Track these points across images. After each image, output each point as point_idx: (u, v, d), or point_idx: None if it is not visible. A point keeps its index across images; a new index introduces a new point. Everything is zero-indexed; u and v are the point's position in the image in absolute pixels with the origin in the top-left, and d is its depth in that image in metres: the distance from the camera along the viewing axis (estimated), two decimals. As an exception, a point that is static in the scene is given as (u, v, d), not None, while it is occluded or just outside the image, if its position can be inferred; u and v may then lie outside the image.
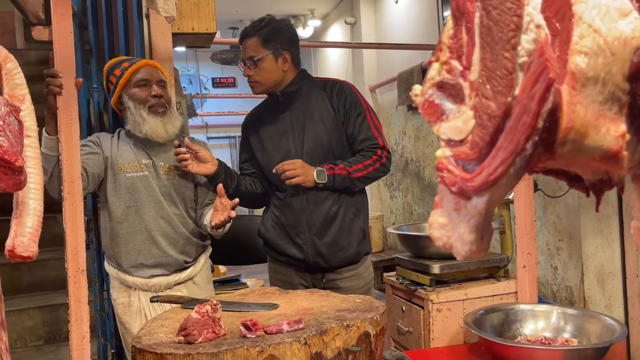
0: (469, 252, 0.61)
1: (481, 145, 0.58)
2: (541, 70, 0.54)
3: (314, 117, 2.16)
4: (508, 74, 0.55)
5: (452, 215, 0.61)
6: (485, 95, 0.57)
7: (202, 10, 2.47)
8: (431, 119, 0.62)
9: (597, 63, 0.58)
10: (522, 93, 0.55)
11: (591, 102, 0.59)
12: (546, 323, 2.17)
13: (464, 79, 0.60)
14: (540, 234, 4.08)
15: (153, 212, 2.06)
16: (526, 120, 0.55)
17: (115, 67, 2.09)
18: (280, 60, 2.15)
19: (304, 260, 2.17)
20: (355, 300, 1.71)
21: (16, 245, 1.24)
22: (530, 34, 0.55)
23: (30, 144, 1.29)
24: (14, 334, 2.86)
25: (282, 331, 1.38)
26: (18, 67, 1.28)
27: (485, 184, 0.57)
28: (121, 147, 2.09)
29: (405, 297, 2.49)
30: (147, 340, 1.40)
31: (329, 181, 2.09)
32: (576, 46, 0.58)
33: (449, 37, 0.61)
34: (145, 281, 2.05)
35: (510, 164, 0.56)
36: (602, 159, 0.60)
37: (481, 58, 0.58)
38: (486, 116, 0.57)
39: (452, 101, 0.61)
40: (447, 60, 0.61)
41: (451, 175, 0.60)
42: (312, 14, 7.40)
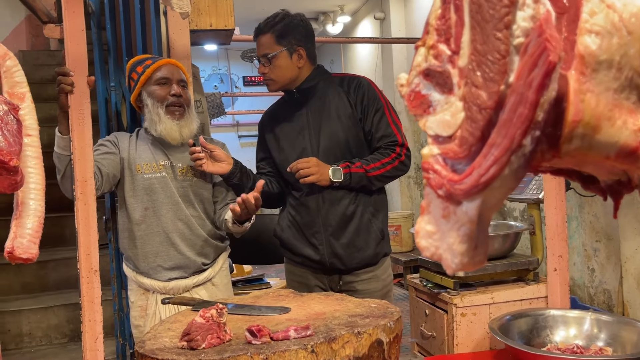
0: (460, 265, 0.53)
1: (471, 142, 0.50)
2: (540, 52, 0.46)
3: (330, 114, 2.09)
4: (501, 58, 0.47)
5: (440, 223, 0.54)
6: (475, 83, 0.49)
7: (220, 6, 2.43)
8: (417, 111, 0.55)
9: (610, 44, 0.49)
10: (518, 80, 0.47)
11: (604, 90, 0.50)
12: (578, 330, 2.04)
13: (453, 65, 0.52)
14: (577, 234, 3.91)
15: (171, 213, 2.02)
16: (522, 112, 0.47)
17: (138, 64, 2.06)
18: (295, 56, 2.08)
19: (319, 261, 2.10)
20: (370, 305, 1.63)
21: (15, 246, 1.22)
22: (528, 10, 0.47)
23: (30, 143, 1.26)
24: (40, 332, 2.90)
25: (289, 338, 1.32)
26: (18, 64, 1.25)
27: (476, 186, 0.49)
28: (139, 147, 2.06)
29: (429, 300, 2.40)
30: (150, 345, 1.36)
31: (345, 180, 2.01)
32: (586, 25, 0.50)
33: (437, 18, 0.53)
34: (163, 284, 2.02)
35: (505, 164, 0.48)
36: (618, 157, 0.51)
37: (471, 40, 0.50)
38: (476, 108, 0.49)
39: (440, 91, 0.53)
40: (434, 44, 0.53)
41: (438, 176, 0.52)
42: (341, 10, 7.31)
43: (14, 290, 3.08)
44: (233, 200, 2.14)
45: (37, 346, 2.90)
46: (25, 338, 2.87)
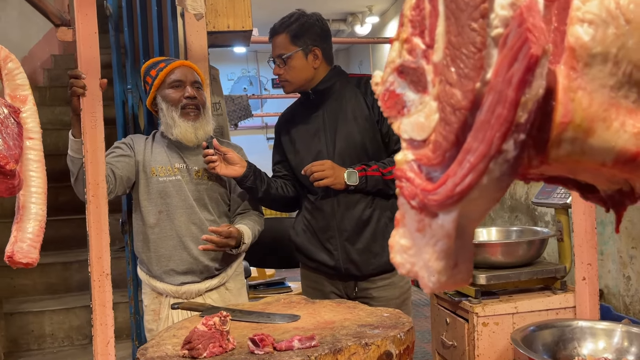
0: (438, 284, 0.48)
1: (445, 147, 0.44)
2: (521, 44, 0.40)
3: (347, 116, 2.03)
4: (476, 51, 0.42)
5: (415, 237, 0.48)
6: (449, 80, 0.43)
7: (238, 8, 2.40)
8: (391, 113, 0.49)
9: (606, 35, 0.43)
10: (496, 76, 0.41)
11: (599, 87, 0.44)
12: (607, 343, 1.94)
13: (427, 61, 0.46)
14: (612, 241, 3.75)
15: (184, 217, 2.00)
16: (501, 113, 0.41)
17: (152, 67, 2.05)
18: (311, 57, 2.03)
19: (334, 266, 2.04)
20: (382, 314, 1.57)
21: (15, 251, 1.20)
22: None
23: (32, 147, 1.25)
24: (62, 333, 2.93)
25: (292, 348, 1.28)
26: (20, 67, 1.24)
27: (450, 197, 0.44)
28: (155, 150, 2.05)
29: (450, 308, 2.31)
30: (152, 352, 1.33)
31: (360, 183, 1.95)
32: (577, 13, 0.44)
33: (411, 8, 0.48)
34: (176, 288, 2.00)
35: (482, 172, 0.42)
36: (616, 164, 0.45)
37: (445, 32, 0.44)
38: (450, 108, 0.43)
39: (414, 89, 0.47)
40: (408, 37, 0.48)
41: (411, 185, 0.47)
42: (369, 10, 7.24)
43: (38, 291, 3.12)
44: (246, 211, 2.12)
45: (60, 347, 2.93)
46: (47, 339, 2.90)
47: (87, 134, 1.76)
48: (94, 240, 1.78)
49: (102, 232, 1.79)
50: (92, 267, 1.78)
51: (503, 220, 5.11)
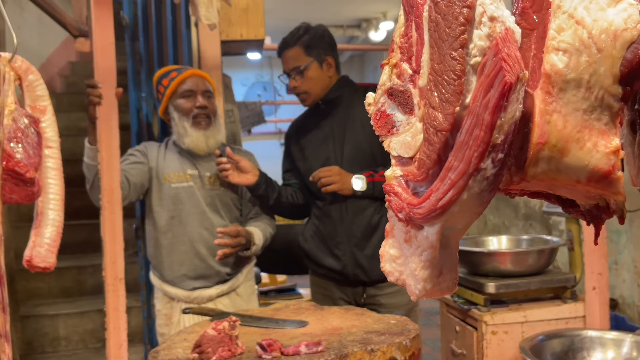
0: (423, 292, 0.51)
1: (428, 165, 0.48)
2: (496, 72, 0.43)
3: (355, 124, 2.07)
4: (456, 78, 0.45)
5: (403, 247, 0.52)
6: (432, 104, 0.47)
7: (251, 17, 2.45)
8: (382, 132, 0.53)
9: (579, 62, 0.46)
10: (474, 101, 0.45)
11: (572, 110, 0.47)
12: (616, 353, 1.94)
13: (414, 85, 0.50)
14: (626, 250, 3.72)
15: (196, 223, 2.05)
16: (478, 134, 0.44)
17: (164, 76, 2.10)
18: (325, 66, 2.07)
19: (342, 272, 2.07)
20: (389, 321, 1.60)
21: (34, 255, 1.25)
22: (484, 29, 0.44)
23: (51, 155, 1.30)
24: (76, 336, 2.99)
25: (300, 353, 1.31)
26: (40, 78, 1.30)
27: (433, 211, 0.47)
28: (168, 156, 2.10)
29: (459, 316, 2.33)
30: (163, 355, 1.38)
31: (368, 189, 1.98)
32: (553, 42, 0.47)
33: (400, 35, 0.51)
34: (188, 293, 2.04)
35: (462, 188, 0.46)
36: (590, 181, 0.48)
37: (430, 59, 0.48)
38: (432, 129, 0.47)
39: (402, 111, 0.51)
40: (397, 62, 0.51)
41: (398, 199, 0.50)
42: (384, 16, 7.28)
43: (53, 294, 3.19)
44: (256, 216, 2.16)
45: (74, 350, 2.99)
46: (62, 342, 2.96)
47: (103, 142, 1.82)
48: (109, 246, 1.83)
49: (116, 237, 1.84)
50: (106, 271, 1.84)
51: (517, 228, 5.09)
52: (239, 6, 2.43)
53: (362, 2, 6.79)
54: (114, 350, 1.82)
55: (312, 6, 6.70)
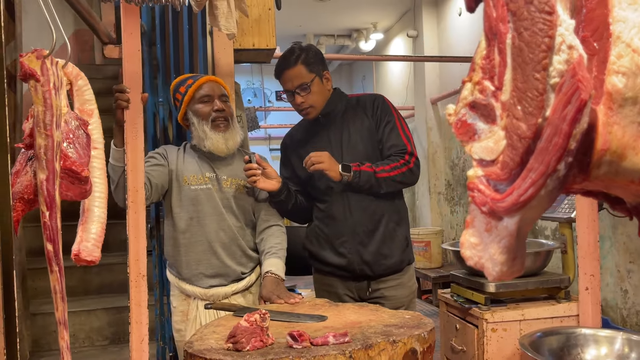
0: (500, 273, 0.61)
1: (511, 166, 0.58)
2: (573, 91, 0.54)
3: (350, 132, 2.21)
4: (539, 95, 0.55)
5: (483, 236, 0.61)
6: (516, 116, 0.57)
7: (263, 27, 2.55)
8: (464, 138, 0.63)
9: (635, 83, 0.57)
10: (554, 114, 0.55)
11: (630, 122, 0.57)
12: (609, 349, 2.07)
13: (496, 100, 0.60)
14: (610, 255, 3.88)
15: (215, 224, 2.12)
16: (557, 142, 0.54)
17: (181, 84, 2.18)
18: (324, 80, 2.22)
19: (349, 269, 2.19)
20: (404, 316, 1.70)
21: (81, 249, 1.33)
22: (563, 55, 0.55)
23: (96, 156, 1.38)
24: (82, 333, 3.03)
25: (328, 343, 1.40)
26: (88, 84, 1.38)
27: (515, 205, 0.57)
28: (186, 160, 2.17)
29: (460, 315, 2.44)
30: (198, 345, 1.46)
31: (354, 177, 2.10)
32: (613, 66, 0.57)
33: (482, 58, 0.61)
34: (204, 291, 2.12)
35: (541, 186, 0.56)
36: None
37: (512, 79, 0.58)
38: (516, 137, 0.57)
39: (484, 121, 0.61)
40: (479, 80, 0.61)
41: (482, 195, 0.60)
42: (374, 27, 7.43)
43: (59, 293, 3.22)
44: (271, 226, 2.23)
45: (80, 347, 3.03)
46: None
47: (129, 144, 1.89)
48: (133, 244, 1.90)
49: (140, 235, 1.91)
50: (130, 268, 1.90)
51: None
52: (251, 16, 2.52)
53: (353, 13, 6.93)
54: (135, 344, 1.89)
55: (305, 16, 6.81)
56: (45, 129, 1.15)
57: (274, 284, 2.04)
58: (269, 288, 2.02)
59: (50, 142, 1.15)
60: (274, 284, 2.05)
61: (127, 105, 1.84)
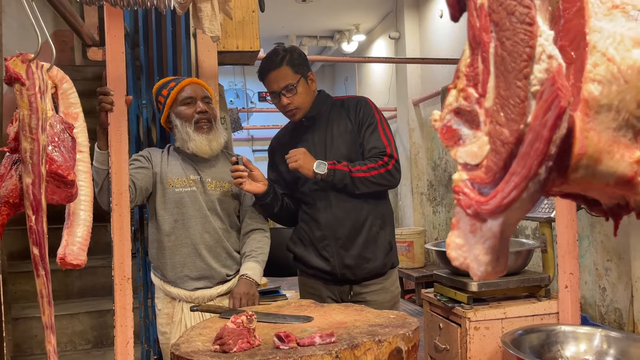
0: (485, 273, 0.63)
1: (495, 170, 0.60)
2: (553, 98, 0.56)
3: (334, 133, 2.22)
4: (520, 102, 0.58)
5: (468, 237, 0.64)
6: (499, 122, 0.59)
7: (247, 29, 2.56)
8: (449, 143, 0.65)
9: (610, 91, 0.60)
10: (535, 120, 0.57)
11: (605, 128, 0.60)
12: (588, 346, 2.11)
13: (480, 106, 0.62)
14: (588, 253, 3.96)
15: (199, 226, 2.13)
16: (538, 147, 0.57)
17: (163, 87, 2.18)
18: (310, 81, 2.23)
19: (331, 272, 2.21)
20: (389, 316, 1.72)
21: (67, 253, 1.33)
22: (543, 64, 0.57)
23: (82, 159, 1.38)
24: (65, 338, 3.00)
25: (315, 344, 1.42)
26: (73, 87, 1.38)
27: (499, 207, 0.59)
28: (170, 162, 2.17)
29: (443, 314, 2.47)
30: (185, 347, 1.46)
31: (328, 175, 2.10)
32: (590, 74, 0.60)
33: (466, 66, 0.64)
34: (189, 293, 2.12)
35: (523, 189, 0.58)
36: (617, 185, 0.61)
37: (495, 86, 0.60)
38: (499, 142, 0.59)
39: (469, 127, 0.63)
40: (464, 87, 0.64)
41: (467, 198, 0.62)
42: (356, 29, 7.47)
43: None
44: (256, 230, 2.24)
45: (62, 352, 3.00)
46: (51, 343, 2.97)
47: (113, 147, 1.88)
48: (117, 247, 1.90)
49: (124, 238, 1.91)
50: (114, 271, 1.90)
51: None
52: (235, 19, 2.53)
53: (335, 15, 6.96)
54: (120, 347, 1.89)
55: (287, 17, 6.83)
56: (30, 133, 1.15)
57: (247, 287, 2.07)
58: (240, 289, 2.05)
59: (36, 145, 1.15)
60: (247, 286, 2.07)
61: (111, 108, 1.83)
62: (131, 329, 1.91)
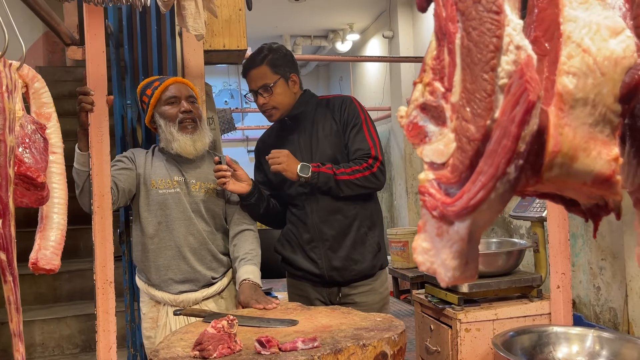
0: (452, 279, 0.59)
1: (461, 169, 0.56)
2: (521, 92, 0.53)
3: (319, 135, 2.19)
4: (487, 97, 0.54)
5: (435, 240, 0.60)
6: (465, 117, 0.55)
7: (234, 28, 2.52)
8: (415, 141, 0.61)
9: (586, 84, 0.56)
10: (502, 116, 0.53)
11: (580, 124, 0.56)
12: (581, 347, 2.08)
13: (446, 101, 0.58)
14: (582, 253, 3.93)
15: (183, 228, 2.09)
16: (506, 144, 0.53)
17: (147, 87, 2.14)
18: (291, 83, 2.19)
19: (319, 274, 2.17)
20: (375, 318, 1.68)
21: (39, 258, 1.28)
22: (510, 55, 0.53)
23: (55, 160, 1.34)
24: (52, 342, 2.96)
25: (297, 349, 1.38)
26: (45, 86, 1.33)
27: (466, 209, 0.55)
28: (155, 163, 2.13)
29: (434, 315, 2.44)
30: (164, 354, 1.42)
31: (312, 177, 2.06)
32: (564, 66, 0.56)
33: (432, 58, 0.60)
34: (174, 297, 2.08)
35: (491, 189, 0.54)
36: (594, 184, 0.57)
37: (462, 80, 0.56)
38: (465, 139, 0.55)
39: (435, 123, 0.59)
40: (429, 81, 0.60)
41: (432, 199, 0.58)
42: (350, 28, 7.43)
43: (27, 301, 3.15)
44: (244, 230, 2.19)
45: (50, 356, 2.96)
46: (38, 348, 2.93)
47: (94, 148, 1.84)
48: (99, 250, 1.86)
49: (106, 241, 1.87)
50: (96, 275, 1.86)
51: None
52: (222, 17, 2.49)
53: (329, 14, 6.92)
54: (103, 353, 1.85)
55: (281, 17, 6.79)
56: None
57: (251, 290, 2.01)
58: (246, 294, 1.99)
59: (3, 147, 1.11)
60: (251, 289, 2.02)
61: (91, 108, 1.79)
62: (114, 333, 1.87)
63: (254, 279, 2.04)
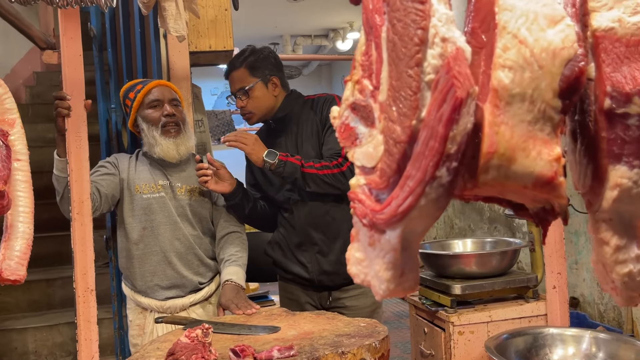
0: (387, 291, 0.55)
1: (389, 174, 0.52)
2: (448, 88, 0.48)
3: (304, 136, 2.15)
4: (412, 94, 0.49)
5: (367, 250, 0.56)
6: (391, 117, 0.51)
7: (219, 28, 2.48)
8: (346, 143, 0.57)
9: (523, 78, 0.51)
10: (429, 115, 0.49)
11: (518, 122, 0.52)
12: (577, 349, 2.02)
13: (374, 100, 0.54)
14: (585, 250, 3.86)
15: (169, 233, 2.05)
16: (433, 145, 0.49)
17: (130, 90, 2.11)
18: (271, 85, 2.14)
19: (308, 278, 2.13)
20: (359, 324, 1.64)
21: (4, 268, 1.25)
22: (436, 49, 0.49)
23: (20, 168, 1.31)
24: (45, 350, 2.94)
25: (272, 358, 1.34)
26: (8, 92, 1.30)
27: (394, 216, 0.51)
28: (139, 168, 2.10)
29: (427, 318, 2.38)
30: (136, 364, 1.38)
31: (278, 165, 1.99)
32: (499, 60, 0.52)
33: (361, 54, 0.56)
34: (161, 303, 2.04)
35: (420, 194, 0.50)
36: (535, 186, 0.53)
37: (388, 76, 0.52)
38: (392, 141, 0.51)
39: (364, 124, 0.55)
40: (359, 79, 0.55)
41: (362, 206, 0.54)
42: (351, 27, 7.38)
43: (20, 308, 3.13)
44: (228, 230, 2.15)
45: (43, 364, 2.94)
46: (31, 356, 2.91)
47: (72, 154, 1.81)
48: (79, 257, 1.83)
49: (86, 248, 1.83)
50: (77, 283, 1.83)
51: (483, 231, 5.21)
52: (207, 18, 2.45)
53: (329, 13, 6.88)
54: (85, 363, 1.81)
55: (280, 17, 6.75)
56: (-47, 142, 1.08)
57: (233, 292, 1.98)
58: (228, 296, 1.95)
59: (-42, 155, 1.08)
60: (233, 292, 1.98)
61: (67, 113, 1.76)
62: (96, 342, 1.83)
63: (237, 280, 2.00)
